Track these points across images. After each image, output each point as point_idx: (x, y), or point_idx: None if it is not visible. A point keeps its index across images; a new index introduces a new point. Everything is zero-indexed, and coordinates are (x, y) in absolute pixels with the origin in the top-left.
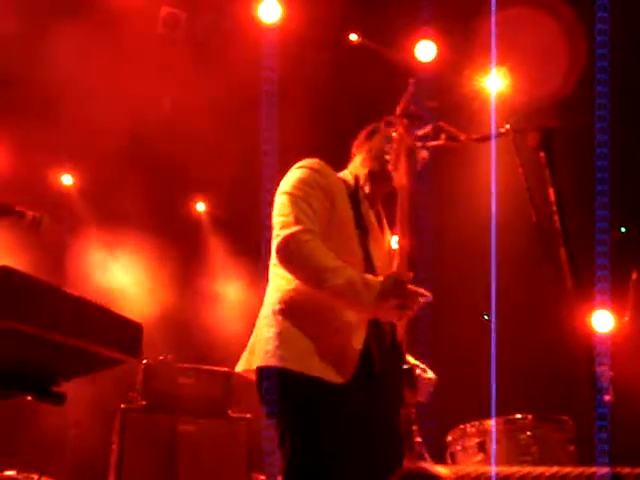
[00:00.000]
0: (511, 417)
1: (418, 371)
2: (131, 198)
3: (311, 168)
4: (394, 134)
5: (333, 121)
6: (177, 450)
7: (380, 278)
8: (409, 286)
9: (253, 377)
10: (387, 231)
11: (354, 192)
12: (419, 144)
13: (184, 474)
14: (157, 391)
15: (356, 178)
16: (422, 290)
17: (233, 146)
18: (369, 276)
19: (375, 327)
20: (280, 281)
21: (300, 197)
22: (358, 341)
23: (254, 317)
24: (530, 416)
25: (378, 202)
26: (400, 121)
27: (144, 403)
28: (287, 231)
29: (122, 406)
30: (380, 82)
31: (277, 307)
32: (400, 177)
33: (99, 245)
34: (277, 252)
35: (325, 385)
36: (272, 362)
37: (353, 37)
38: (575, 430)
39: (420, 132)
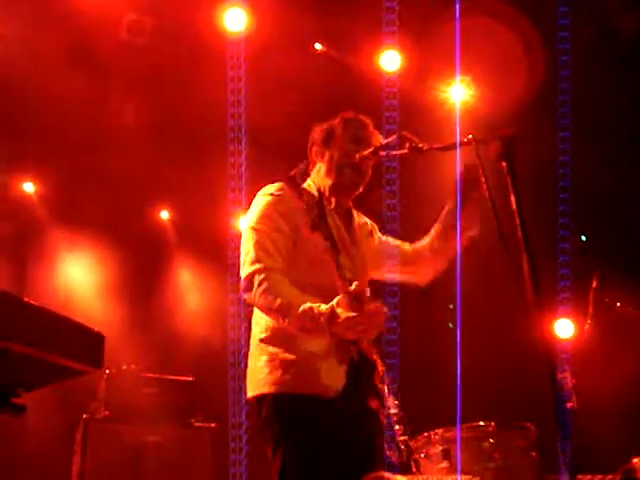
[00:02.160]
0: (474, 424)
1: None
2: (93, 206)
3: (272, 195)
4: None
5: (300, 127)
6: (141, 460)
7: (325, 309)
8: (363, 307)
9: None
10: (360, 236)
11: (319, 206)
12: (383, 153)
13: None
14: (120, 401)
15: (319, 191)
16: (376, 307)
17: (197, 154)
18: (320, 306)
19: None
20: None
21: (261, 232)
22: (343, 355)
23: (218, 326)
24: (493, 423)
25: (347, 207)
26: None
27: (107, 413)
28: (247, 271)
29: (84, 416)
30: (345, 90)
31: (262, 336)
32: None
33: (61, 253)
34: (242, 289)
35: (321, 402)
36: (265, 390)
37: (318, 46)
38: (538, 437)
39: (384, 141)
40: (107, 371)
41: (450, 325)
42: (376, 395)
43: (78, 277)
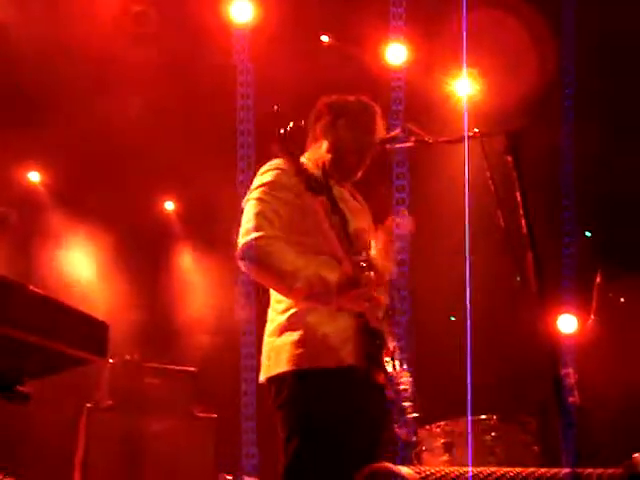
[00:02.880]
0: (476, 418)
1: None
2: (99, 196)
3: (276, 168)
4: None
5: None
6: (143, 450)
7: (335, 277)
8: (365, 276)
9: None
10: (365, 205)
11: (323, 179)
12: (388, 146)
13: (150, 474)
14: (123, 391)
15: (323, 165)
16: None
17: (204, 145)
18: (327, 274)
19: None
20: None
21: (264, 201)
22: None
23: (222, 316)
24: (495, 417)
25: (347, 183)
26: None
27: (110, 402)
28: (245, 239)
29: (88, 405)
30: (351, 82)
31: (291, 311)
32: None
33: (65, 243)
34: (239, 260)
35: (345, 373)
36: (289, 367)
37: (324, 39)
38: (539, 431)
39: (390, 134)
40: (110, 360)
41: (452, 318)
42: (382, 370)
43: (83, 266)
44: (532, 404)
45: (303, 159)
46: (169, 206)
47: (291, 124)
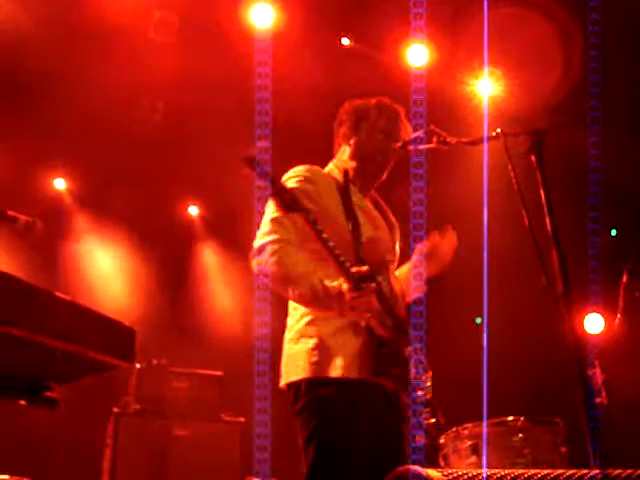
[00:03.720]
0: (503, 419)
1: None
2: (124, 202)
3: (299, 176)
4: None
5: (328, 124)
6: (170, 454)
7: (336, 284)
8: (365, 286)
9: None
10: (390, 215)
11: (345, 187)
12: (411, 147)
13: (177, 478)
14: (150, 395)
15: (345, 172)
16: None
17: (227, 150)
18: (330, 283)
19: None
20: None
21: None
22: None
23: (247, 320)
24: (522, 418)
25: (372, 191)
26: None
27: (137, 407)
28: (260, 242)
29: (115, 410)
30: (373, 85)
31: (307, 318)
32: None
33: (92, 249)
34: (251, 261)
35: (360, 385)
36: (305, 374)
37: (345, 41)
38: (567, 432)
39: (412, 135)
40: (138, 365)
41: (478, 320)
42: (391, 378)
43: (109, 272)
44: (559, 405)
45: (330, 166)
46: (193, 210)
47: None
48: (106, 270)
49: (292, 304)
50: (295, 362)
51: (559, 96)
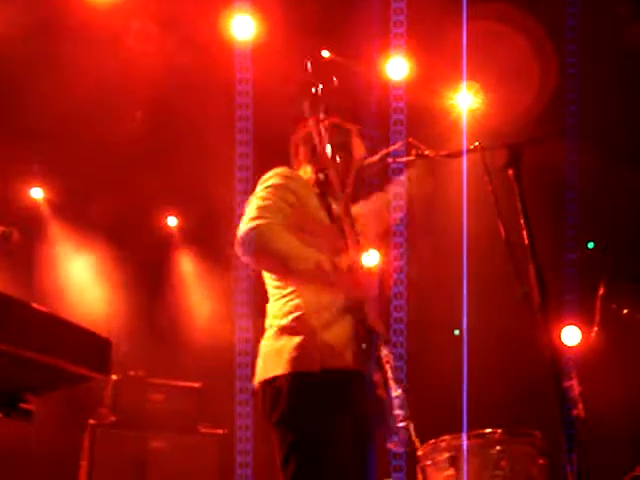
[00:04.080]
0: (480, 432)
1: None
2: (101, 212)
3: (279, 174)
4: None
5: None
6: (147, 466)
7: (347, 258)
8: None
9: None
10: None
11: (321, 192)
12: (390, 160)
13: None
14: (127, 407)
15: (319, 179)
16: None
17: (205, 161)
18: (335, 259)
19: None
20: (278, 297)
21: (266, 198)
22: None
23: (225, 332)
24: (499, 430)
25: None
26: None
27: (114, 419)
28: (247, 225)
29: (91, 422)
30: (352, 96)
31: (295, 314)
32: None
33: (68, 259)
34: (238, 245)
35: (346, 375)
36: (288, 369)
37: (325, 53)
38: (545, 444)
39: (391, 148)
40: (114, 377)
41: (456, 332)
42: (380, 369)
43: (86, 282)
44: (537, 417)
45: (300, 173)
46: (172, 221)
47: (321, 86)
48: (83, 280)
49: (276, 302)
50: (277, 357)
51: (537, 111)
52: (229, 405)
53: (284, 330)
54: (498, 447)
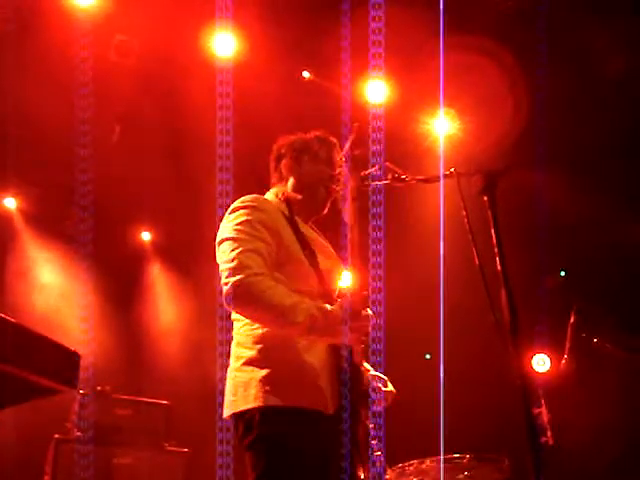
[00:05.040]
0: (449, 457)
1: (378, 383)
2: (74, 224)
3: (250, 207)
4: (340, 175)
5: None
6: None
7: (336, 307)
8: (362, 310)
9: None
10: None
11: (290, 217)
12: (365, 183)
13: None
14: (93, 422)
15: (287, 201)
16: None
17: (184, 179)
18: (325, 306)
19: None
20: (245, 324)
21: (243, 241)
22: (330, 372)
23: (195, 349)
24: (467, 456)
25: (309, 221)
26: (345, 164)
27: (79, 434)
28: (234, 278)
29: (56, 436)
30: (330, 118)
31: (260, 346)
32: (350, 217)
33: (39, 270)
34: (228, 301)
35: (324, 417)
36: (258, 403)
37: (305, 74)
38: (512, 470)
39: (367, 172)
40: (81, 391)
41: (427, 356)
42: (364, 404)
43: (56, 294)
44: (505, 443)
45: (270, 195)
46: (145, 236)
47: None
48: (53, 293)
49: (241, 331)
50: (246, 390)
51: (510, 138)
52: (198, 424)
53: (251, 362)
54: (466, 472)
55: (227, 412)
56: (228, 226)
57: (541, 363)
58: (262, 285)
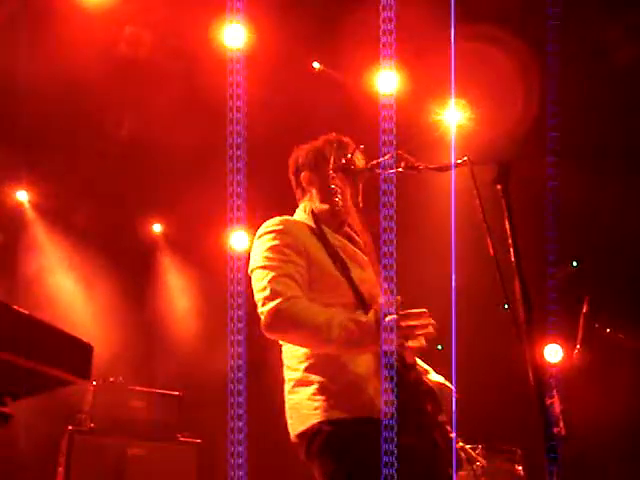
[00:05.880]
0: (462, 447)
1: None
2: (87, 217)
3: (276, 231)
4: (335, 187)
5: (295, 145)
6: (125, 474)
7: (370, 315)
8: (402, 312)
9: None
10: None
11: (318, 230)
12: (378, 172)
13: None
14: (106, 413)
15: (314, 215)
16: (417, 311)
17: (195, 171)
18: (360, 317)
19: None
20: (289, 347)
21: (273, 267)
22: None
23: (207, 341)
24: (480, 446)
25: (344, 228)
26: (337, 175)
27: (92, 425)
28: (268, 307)
29: (69, 428)
30: (342, 109)
31: (305, 364)
32: (358, 224)
33: (52, 263)
34: (266, 330)
35: (377, 423)
36: (317, 419)
37: (316, 65)
38: (525, 461)
39: (380, 160)
40: (94, 383)
41: (439, 347)
42: (434, 404)
43: (68, 286)
44: (518, 434)
45: (299, 212)
46: (157, 228)
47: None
48: (65, 285)
49: (288, 353)
50: (299, 412)
51: (522, 127)
52: (210, 415)
53: (298, 383)
54: (479, 463)
55: (292, 436)
56: (257, 254)
57: (554, 354)
58: (295, 308)
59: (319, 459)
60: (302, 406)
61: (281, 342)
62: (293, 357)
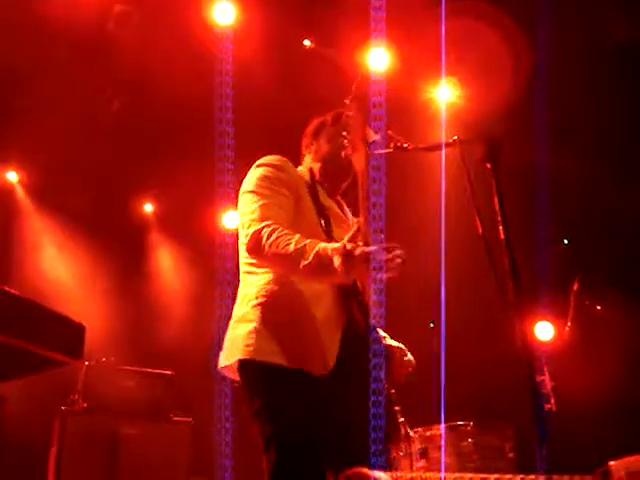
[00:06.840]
0: (452, 424)
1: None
2: (77, 197)
3: (273, 165)
4: (349, 117)
5: (285, 122)
6: (117, 453)
7: (343, 242)
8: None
9: (232, 374)
10: (351, 219)
11: (312, 185)
12: (367, 151)
13: (124, 477)
14: (98, 393)
15: (311, 171)
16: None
17: (184, 149)
18: (331, 244)
19: (350, 316)
20: (253, 277)
21: (264, 195)
22: (336, 333)
23: (198, 320)
24: (471, 423)
25: (337, 194)
26: (353, 105)
27: (85, 405)
28: (255, 228)
29: (62, 408)
30: (332, 86)
31: (254, 302)
32: (359, 160)
33: (43, 243)
34: (249, 250)
35: (307, 377)
36: (254, 355)
37: (306, 42)
38: (516, 437)
39: (369, 140)
40: (86, 363)
41: (431, 325)
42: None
43: (60, 267)
44: (508, 411)
45: (299, 168)
46: (148, 208)
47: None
48: (57, 266)
49: (242, 291)
50: (232, 346)
51: (512, 105)
52: (201, 394)
53: (241, 319)
54: (469, 440)
55: (225, 361)
56: (251, 179)
57: (544, 331)
58: (277, 234)
59: (244, 392)
60: (242, 338)
61: (241, 278)
62: (245, 295)
